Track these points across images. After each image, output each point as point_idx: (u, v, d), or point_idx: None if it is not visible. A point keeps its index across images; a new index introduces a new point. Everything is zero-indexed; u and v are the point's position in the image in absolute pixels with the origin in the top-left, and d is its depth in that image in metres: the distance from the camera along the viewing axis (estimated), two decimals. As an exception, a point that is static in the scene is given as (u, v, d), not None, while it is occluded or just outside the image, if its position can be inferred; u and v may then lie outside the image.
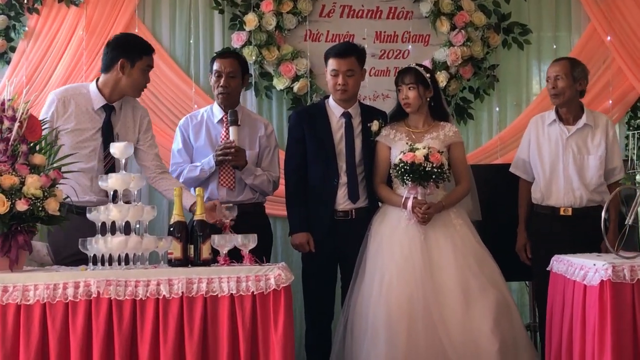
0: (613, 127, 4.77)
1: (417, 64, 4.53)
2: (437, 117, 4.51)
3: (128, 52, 4.09)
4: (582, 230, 4.49)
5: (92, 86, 4.17)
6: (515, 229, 4.84)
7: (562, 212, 4.61)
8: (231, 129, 4.41)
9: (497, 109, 5.89)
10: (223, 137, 4.54)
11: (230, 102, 4.56)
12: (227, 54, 4.78)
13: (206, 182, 4.46)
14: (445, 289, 4.12)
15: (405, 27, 5.80)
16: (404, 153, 4.22)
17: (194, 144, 4.59)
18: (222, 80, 4.51)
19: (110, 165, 4.04)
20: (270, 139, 4.67)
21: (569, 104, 4.65)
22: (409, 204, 4.23)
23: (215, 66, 4.55)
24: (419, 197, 4.23)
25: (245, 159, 4.43)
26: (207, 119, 4.64)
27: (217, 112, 4.62)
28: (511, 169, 4.86)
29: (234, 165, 4.41)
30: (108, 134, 4.10)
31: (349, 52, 4.52)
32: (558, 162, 4.63)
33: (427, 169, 4.15)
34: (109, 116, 4.13)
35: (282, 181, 4.71)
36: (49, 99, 4.16)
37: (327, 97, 4.72)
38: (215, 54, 4.78)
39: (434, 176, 4.17)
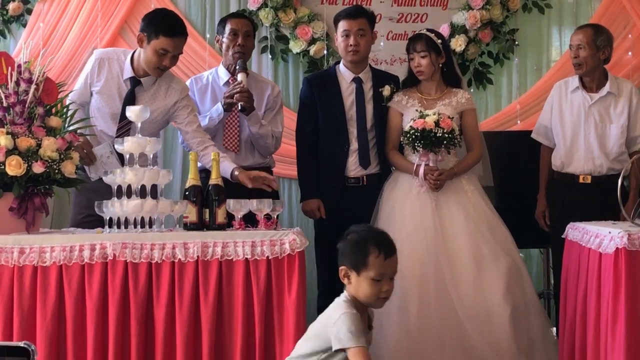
0: (638, 94, 4.70)
1: (427, 30, 4.48)
2: (449, 83, 4.47)
3: (148, 27, 3.97)
4: (601, 198, 4.47)
5: (129, 55, 4.12)
6: (534, 195, 4.82)
7: (581, 180, 4.58)
8: (240, 75, 4.36)
9: (517, 73, 5.84)
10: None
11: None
12: (241, 14, 4.73)
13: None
14: (457, 255, 4.13)
15: (424, -10, 5.75)
16: (414, 120, 4.20)
17: (200, 107, 4.54)
18: (239, 39, 4.46)
19: (123, 135, 4.02)
20: (277, 99, 4.65)
21: (592, 73, 4.60)
22: (421, 170, 4.22)
23: (231, 25, 4.48)
24: (431, 164, 4.22)
25: (253, 102, 4.36)
26: (213, 81, 4.60)
27: (223, 74, 4.58)
28: (533, 135, 4.82)
29: (242, 108, 4.31)
30: (126, 106, 4.07)
31: (360, 14, 4.50)
32: (579, 130, 4.59)
33: (437, 134, 4.12)
34: (133, 89, 4.08)
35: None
36: (92, 56, 4.18)
37: (338, 62, 4.69)
38: (225, 16, 4.73)
39: (445, 142, 4.15)
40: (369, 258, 2.92)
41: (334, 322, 2.86)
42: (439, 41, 4.39)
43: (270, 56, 5.65)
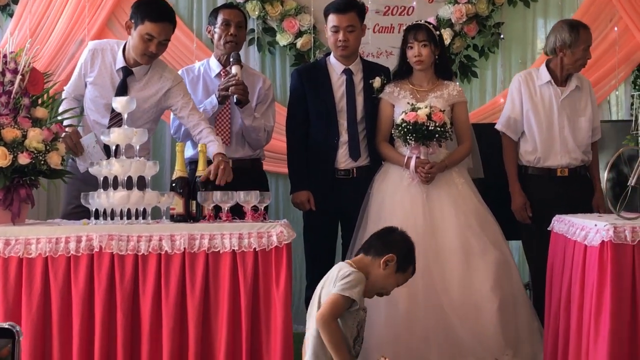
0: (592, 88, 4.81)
1: (425, 21, 4.48)
2: (441, 76, 4.47)
3: (135, 13, 3.97)
4: (576, 189, 4.55)
5: (122, 45, 4.11)
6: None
7: (559, 173, 4.59)
8: (234, 67, 4.34)
9: (502, 67, 5.85)
10: (223, 77, 4.47)
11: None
12: (233, 5, 4.70)
13: None
14: (447, 248, 4.14)
15: (410, -18, 5.75)
16: (406, 113, 4.19)
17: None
18: (231, 29, 4.45)
19: (115, 125, 4.01)
20: (268, 93, 4.63)
21: None
22: (412, 163, 4.22)
23: (224, 15, 4.47)
24: (422, 157, 4.22)
25: (248, 95, 4.35)
26: (204, 73, 4.58)
27: (215, 66, 4.57)
28: (501, 128, 4.69)
29: (237, 101, 4.30)
30: (118, 96, 4.04)
31: (349, 8, 4.46)
32: (554, 124, 4.59)
33: (430, 128, 4.13)
34: (125, 79, 4.07)
35: (284, 139, 4.70)
36: (86, 48, 4.20)
37: (328, 54, 4.68)
38: (217, 7, 4.72)
39: (437, 135, 4.15)
40: (410, 268, 3.41)
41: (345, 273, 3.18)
42: (437, 33, 4.40)
43: (257, 49, 5.63)
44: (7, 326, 1.62)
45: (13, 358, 1.59)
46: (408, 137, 4.16)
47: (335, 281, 3.13)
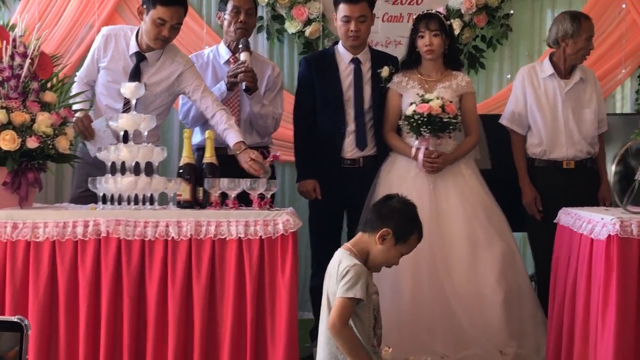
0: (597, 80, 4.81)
1: (436, 11, 4.47)
2: (450, 66, 4.45)
3: None
4: (582, 181, 4.56)
5: (135, 31, 4.11)
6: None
7: (565, 165, 4.60)
8: (243, 54, 4.34)
9: (509, 59, 5.83)
10: (232, 64, 4.46)
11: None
12: None
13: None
14: (452, 239, 4.14)
15: (420, -28, 5.72)
16: (416, 104, 4.18)
17: None
18: (241, 16, 4.43)
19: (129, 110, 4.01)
20: (277, 80, 4.63)
21: None
22: (420, 155, 4.21)
23: (234, 2, 4.44)
24: (430, 148, 4.21)
25: (257, 82, 4.35)
26: (214, 59, 4.57)
27: (224, 52, 4.56)
28: (506, 123, 4.69)
29: (246, 87, 4.30)
30: (132, 81, 4.02)
31: None
32: (558, 116, 4.59)
33: (444, 119, 4.12)
34: (138, 64, 4.07)
35: (291, 127, 4.69)
36: (99, 33, 4.21)
37: (336, 43, 4.66)
38: None
39: (450, 127, 4.15)
40: (412, 236, 3.17)
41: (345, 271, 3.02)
42: (448, 23, 4.39)
43: (265, 36, 5.62)
44: (16, 319, 1.62)
45: (21, 352, 1.59)
46: (422, 129, 4.14)
47: (337, 278, 3.04)
